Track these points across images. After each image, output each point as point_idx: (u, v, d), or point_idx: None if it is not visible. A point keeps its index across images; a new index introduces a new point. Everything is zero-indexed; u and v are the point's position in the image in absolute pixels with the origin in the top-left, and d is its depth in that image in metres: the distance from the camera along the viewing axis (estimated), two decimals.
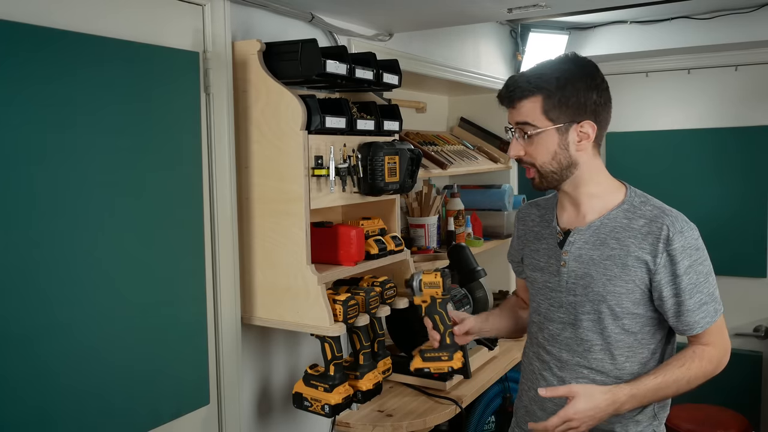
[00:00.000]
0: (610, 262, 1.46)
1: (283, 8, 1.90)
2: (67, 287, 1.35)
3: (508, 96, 1.48)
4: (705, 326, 1.45)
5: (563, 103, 1.43)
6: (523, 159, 1.50)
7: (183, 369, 1.62)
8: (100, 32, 1.41)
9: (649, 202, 1.50)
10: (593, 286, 1.48)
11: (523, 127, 1.47)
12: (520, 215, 1.73)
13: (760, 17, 3.02)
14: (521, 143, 1.48)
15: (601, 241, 1.49)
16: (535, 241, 1.63)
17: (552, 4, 2.06)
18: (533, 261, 1.62)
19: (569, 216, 1.56)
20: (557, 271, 1.53)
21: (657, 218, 1.45)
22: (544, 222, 1.63)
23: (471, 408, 2.43)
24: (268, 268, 1.73)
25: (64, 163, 1.34)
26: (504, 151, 3.29)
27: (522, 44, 3.37)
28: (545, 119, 1.44)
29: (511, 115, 1.49)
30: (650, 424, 1.53)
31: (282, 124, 1.64)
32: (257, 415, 1.90)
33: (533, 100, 1.44)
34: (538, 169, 1.49)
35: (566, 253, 1.52)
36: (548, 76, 1.44)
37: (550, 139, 1.45)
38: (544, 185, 1.51)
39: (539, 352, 1.60)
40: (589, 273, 1.48)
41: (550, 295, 1.55)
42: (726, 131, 3.47)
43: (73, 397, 1.38)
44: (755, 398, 3.44)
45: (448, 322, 1.71)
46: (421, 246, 2.68)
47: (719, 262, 3.85)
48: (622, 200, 1.51)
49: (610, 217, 1.49)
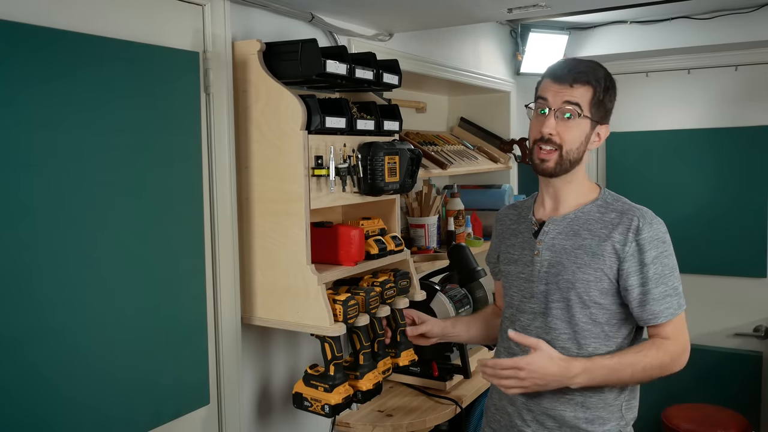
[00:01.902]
0: (581, 251, 1.53)
1: (283, 8, 1.90)
2: (67, 288, 1.35)
3: (570, 74, 1.51)
4: (669, 317, 1.50)
5: (602, 103, 1.53)
6: (552, 138, 1.52)
7: (183, 369, 1.62)
8: (100, 32, 1.41)
9: (621, 199, 1.60)
10: (563, 274, 1.53)
11: (570, 108, 1.50)
12: (499, 216, 1.80)
13: (760, 17, 3.02)
14: (554, 123, 1.51)
15: (574, 232, 1.56)
16: (511, 236, 1.70)
17: (552, 4, 2.06)
18: (508, 255, 1.68)
19: (546, 209, 1.63)
20: (531, 261, 1.59)
21: (628, 211, 1.54)
22: (521, 219, 1.70)
23: (471, 408, 2.43)
24: (268, 268, 1.73)
25: (63, 164, 1.34)
26: (504, 151, 3.29)
27: (522, 44, 3.37)
28: (588, 108, 1.51)
29: (559, 93, 1.51)
30: (617, 424, 1.56)
31: (282, 124, 1.64)
32: (257, 415, 1.90)
33: (588, 89, 1.51)
34: (563, 154, 1.52)
35: (540, 243, 1.58)
36: (599, 75, 1.53)
37: (584, 129, 1.53)
38: (557, 170, 1.55)
39: (510, 346, 1.63)
40: (561, 261, 1.54)
41: (523, 285, 1.61)
42: (726, 131, 3.47)
43: (73, 397, 1.38)
44: (755, 398, 3.44)
45: (400, 321, 1.84)
46: (421, 246, 2.68)
47: (719, 262, 3.87)
48: (596, 197, 1.59)
49: (584, 210, 1.57)
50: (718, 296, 3.51)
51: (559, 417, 1.55)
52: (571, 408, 1.54)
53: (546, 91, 1.54)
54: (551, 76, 1.54)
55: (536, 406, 1.57)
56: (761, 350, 3.46)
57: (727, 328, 3.54)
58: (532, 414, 1.58)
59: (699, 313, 3.28)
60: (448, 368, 2.38)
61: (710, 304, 3.49)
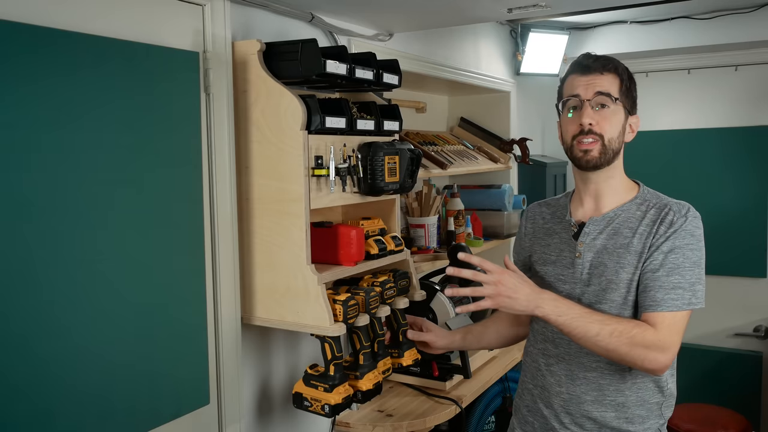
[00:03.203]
0: (623, 250, 1.50)
1: (283, 8, 1.90)
2: (67, 287, 1.35)
3: (599, 62, 1.51)
4: (670, 308, 1.42)
5: (630, 92, 1.54)
6: (593, 129, 1.50)
7: (183, 369, 1.62)
8: (100, 32, 1.41)
9: (662, 197, 1.58)
10: (607, 275, 1.50)
11: (603, 98, 1.49)
12: (529, 214, 1.76)
13: (760, 17, 3.02)
14: (592, 113, 1.50)
15: (614, 231, 1.53)
16: (546, 236, 1.66)
17: (552, 4, 2.06)
18: (543, 256, 1.64)
19: (585, 209, 1.60)
20: (571, 263, 1.56)
21: (665, 205, 1.53)
22: (556, 218, 1.66)
23: (471, 408, 2.43)
24: (268, 268, 1.73)
25: (63, 164, 1.34)
26: (504, 151, 3.29)
27: (522, 44, 3.37)
28: (619, 94, 1.51)
29: (591, 84, 1.50)
30: (656, 422, 1.55)
31: (282, 124, 1.64)
32: (257, 415, 1.90)
33: (615, 77, 1.51)
34: (605, 143, 1.51)
35: (582, 244, 1.55)
36: (621, 65, 1.54)
37: (620, 116, 1.53)
38: (601, 161, 1.51)
39: (546, 348, 1.61)
40: (603, 262, 1.52)
41: (563, 287, 1.57)
42: (726, 131, 3.47)
43: (73, 397, 1.38)
44: (755, 398, 3.44)
45: (402, 321, 1.88)
46: (421, 246, 2.68)
47: (719, 262, 3.87)
48: (636, 195, 1.57)
49: (623, 208, 1.55)
50: (718, 296, 3.51)
51: (600, 419, 1.52)
52: (612, 409, 1.51)
53: (576, 87, 1.51)
54: (578, 70, 1.53)
55: (576, 408, 1.54)
56: (761, 350, 3.46)
57: (727, 328, 3.55)
58: (571, 417, 1.55)
59: (699, 313, 3.27)
60: (448, 368, 2.38)
61: (710, 304, 3.42)
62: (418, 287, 1.99)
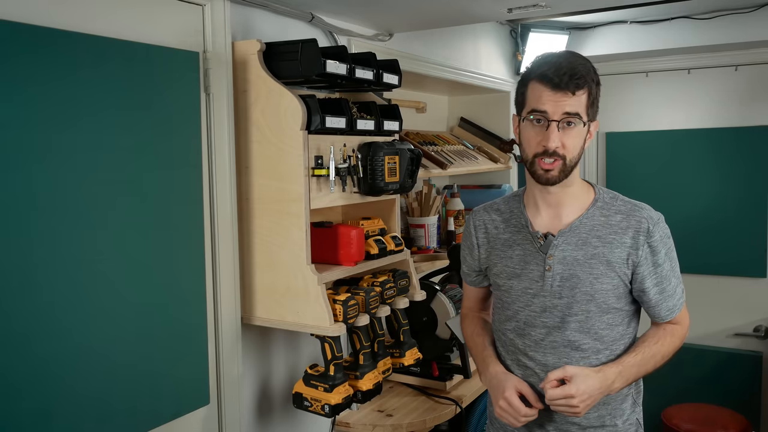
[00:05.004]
0: (595, 261, 1.48)
1: (283, 8, 1.90)
2: (67, 287, 1.35)
3: (572, 82, 1.38)
4: (681, 307, 1.55)
5: (596, 100, 1.45)
6: (557, 151, 1.41)
7: (183, 369, 1.62)
8: (100, 32, 1.41)
9: (618, 197, 1.55)
10: (580, 287, 1.48)
11: (571, 118, 1.40)
12: (477, 222, 1.65)
13: (760, 17, 3.02)
14: (558, 135, 1.41)
15: (583, 241, 1.50)
16: (505, 248, 1.58)
17: (552, 4, 2.06)
18: (506, 269, 1.57)
19: (545, 218, 1.54)
20: (540, 276, 1.52)
21: (632, 212, 1.50)
22: (512, 227, 1.59)
23: (471, 408, 2.43)
24: (268, 268, 1.73)
25: (64, 164, 1.34)
26: (504, 151, 3.29)
27: (522, 44, 3.37)
28: (585, 113, 1.43)
29: (560, 104, 1.39)
30: (633, 411, 1.58)
31: (282, 124, 1.64)
32: (257, 415, 1.90)
33: (585, 92, 1.41)
34: (567, 162, 1.43)
35: (551, 257, 1.51)
36: (591, 72, 1.43)
37: (582, 133, 1.45)
38: (561, 178, 1.45)
39: (519, 359, 1.56)
40: (575, 274, 1.49)
41: (532, 301, 1.53)
42: (726, 131, 3.47)
43: (73, 397, 1.38)
44: (755, 398, 3.44)
45: (402, 321, 1.91)
46: (421, 246, 2.68)
47: (719, 263, 3.87)
48: (594, 198, 1.54)
49: (587, 216, 1.51)
50: (718, 296, 3.51)
51: (583, 421, 1.52)
52: (594, 409, 1.51)
53: (543, 102, 1.40)
54: (548, 83, 1.39)
55: (558, 415, 1.52)
56: (761, 350, 3.46)
57: (727, 328, 3.54)
58: (555, 424, 1.54)
59: (699, 313, 3.27)
60: (448, 368, 2.38)
61: (710, 304, 3.49)
62: (418, 287, 1.99)
